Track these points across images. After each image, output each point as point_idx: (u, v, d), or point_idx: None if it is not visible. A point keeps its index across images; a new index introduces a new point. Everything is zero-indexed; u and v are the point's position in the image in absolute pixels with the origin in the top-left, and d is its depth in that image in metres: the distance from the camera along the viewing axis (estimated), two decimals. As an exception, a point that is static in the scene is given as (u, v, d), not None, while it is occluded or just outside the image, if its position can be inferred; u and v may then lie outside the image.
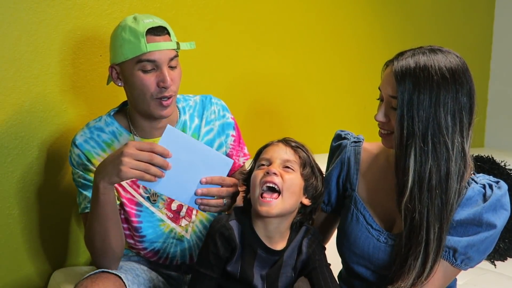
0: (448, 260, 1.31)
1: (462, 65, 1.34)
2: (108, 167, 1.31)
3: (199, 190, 1.39)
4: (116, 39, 1.49)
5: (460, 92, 1.28)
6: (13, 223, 1.74)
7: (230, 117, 1.70)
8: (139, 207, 1.57)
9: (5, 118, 1.69)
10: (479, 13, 3.25)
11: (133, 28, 1.45)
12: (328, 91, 2.55)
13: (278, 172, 1.30)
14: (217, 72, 2.16)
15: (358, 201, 1.45)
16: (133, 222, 1.57)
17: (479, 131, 3.36)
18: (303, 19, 2.42)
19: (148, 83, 1.45)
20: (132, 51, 1.44)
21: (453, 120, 1.27)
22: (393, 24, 2.75)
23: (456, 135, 1.28)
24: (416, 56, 1.29)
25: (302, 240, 1.36)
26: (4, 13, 1.66)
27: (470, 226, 1.30)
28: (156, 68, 1.46)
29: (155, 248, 1.61)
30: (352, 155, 1.51)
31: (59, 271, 1.79)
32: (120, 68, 1.50)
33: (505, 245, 2.45)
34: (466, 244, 1.30)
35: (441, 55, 1.30)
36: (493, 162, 2.64)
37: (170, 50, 1.47)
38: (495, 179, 1.36)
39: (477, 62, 3.27)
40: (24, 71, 1.71)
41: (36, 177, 1.77)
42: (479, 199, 1.32)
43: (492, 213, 1.29)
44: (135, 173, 1.28)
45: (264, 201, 1.28)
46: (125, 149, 1.28)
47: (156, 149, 1.30)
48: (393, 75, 1.29)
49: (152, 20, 1.48)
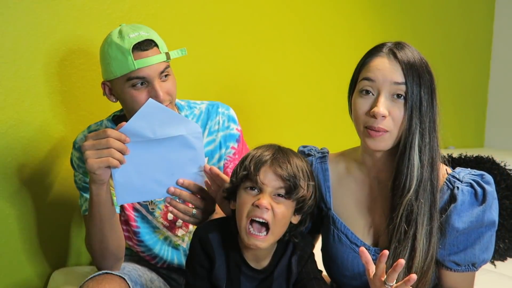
0: (469, 271, 1.30)
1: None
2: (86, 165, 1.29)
3: (171, 188, 1.34)
4: (104, 56, 1.45)
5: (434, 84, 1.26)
6: (13, 223, 1.74)
7: (236, 128, 1.63)
8: (136, 213, 1.58)
9: (5, 118, 1.69)
10: (479, 13, 3.25)
11: (118, 45, 1.40)
12: (320, 93, 2.55)
13: (269, 206, 1.17)
14: (207, 74, 2.16)
15: (336, 219, 1.36)
16: (132, 226, 1.58)
17: (479, 131, 3.36)
18: (295, 20, 2.42)
19: (140, 99, 1.40)
20: (120, 69, 1.40)
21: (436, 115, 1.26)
22: (393, 24, 2.75)
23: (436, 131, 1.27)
24: (407, 48, 1.25)
25: (291, 258, 1.27)
26: (4, 13, 1.66)
27: (473, 230, 1.27)
28: (146, 83, 1.42)
29: (152, 253, 1.62)
30: (320, 172, 1.40)
31: (59, 271, 1.79)
32: (111, 84, 1.47)
33: (505, 245, 2.45)
34: (479, 252, 1.28)
35: (415, 50, 1.27)
36: (493, 162, 2.64)
37: (159, 63, 1.42)
38: (477, 173, 1.29)
39: (477, 62, 3.27)
40: (24, 71, 1.71)
41: (36, 177, 1.77)
42: (473, 201, 1.26)
43: (490, 211, 1.26)
44: (101, 161, 1.24)
45: (251, 235, 1.18)
46: (84, 144, 1.26)
47: (112, 135, 1.25)
48: (400, 62, 1.22)
49: (137, 33, 1.42)
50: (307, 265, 1.28)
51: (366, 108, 1.23)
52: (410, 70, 1.22)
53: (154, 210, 1.59)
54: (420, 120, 1.22)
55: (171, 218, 1.60)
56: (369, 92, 1.24)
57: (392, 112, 1.21)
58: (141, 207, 1.58)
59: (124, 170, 1.29)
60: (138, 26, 1.47)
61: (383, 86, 1.22)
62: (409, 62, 1.22)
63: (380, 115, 1.20)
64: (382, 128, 1.21)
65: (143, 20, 1.92)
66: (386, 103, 1.21)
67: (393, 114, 1.21)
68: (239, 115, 1.69)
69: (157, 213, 1.59)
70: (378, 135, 1.22)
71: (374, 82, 1.23)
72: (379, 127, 1.21)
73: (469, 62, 3.20)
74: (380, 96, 1.22)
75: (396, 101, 1.22)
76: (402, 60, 1.22)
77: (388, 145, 1.24)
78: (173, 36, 1.95)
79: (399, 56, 1.23)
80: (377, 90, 1.23)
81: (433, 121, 1.24)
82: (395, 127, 1.22)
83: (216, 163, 1.61)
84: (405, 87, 1.21)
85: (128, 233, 1.60)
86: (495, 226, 1.28)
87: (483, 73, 3.32)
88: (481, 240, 1.27)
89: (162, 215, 1.59)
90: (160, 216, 1.59)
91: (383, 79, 1.22)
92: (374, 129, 1.22)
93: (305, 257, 1.28)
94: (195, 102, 1.65)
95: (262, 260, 1.26)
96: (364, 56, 1.30)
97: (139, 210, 1.58)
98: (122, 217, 1.58)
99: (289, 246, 1.28)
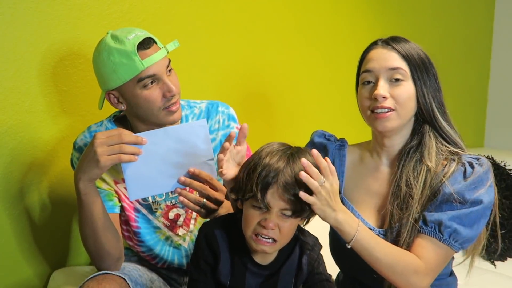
0: (435, 236, 1.27)
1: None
2: (84, 164, 1.31)
3: (182, 178, 1.36)
4: (105, 65, 1.43)
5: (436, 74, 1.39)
6: (13, 223, 1.74)
7: (236, 126, 1.64)
8: (137, 213, 1.58)
9: (5, 118, 1.69)
10: (479, 13, 3.25)
11: (120, 50, 1.40)
12: (321, 92, 2.55)
13: (275, 226, 1.17)
14: (207, 74, 2.16)
15: (345, 202, 1.43)
16: (133, 227, 1.58)
17: (479, 131, 3.36)
18: (299, 16, 2.42)
19: (153, 98, 1.43)
20: (129, 72, 1.40)
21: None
22: (392, 24, 2.75)
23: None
24: (403, 41, 1.39)
25: (301, 257, 1.27)
26: (4, 13, 1.66)
27: (455, 204, 1.28)
28: (156, 81, 1.43)
29: (153, 253, 1.62)
30: (337, 157, 1.50)
31: (59, 271, 1.79)
32: (118, 92, 1.46)
33: (505, 245, 2.45)
34: (450, 217, 1.27)
35: (414, 44, 1.41)
36: (493, 162, 2.64)
37: (164, 58, 1.45)
38: (475, 156, 1.35)
39: (477, 62, 3.27)
40: (24, 71, 1.71)
41: (36, 177, 1.77)
42: (461, 177, 1.30)
43: (474, 191, 1.28)
44: (112, 158, 1.28)
45: (258, 241, 1.18)
46: (95, 141, 1.29)
47: (124, 133, 1.30)
48: (394, 49, 1.35)
49: (134, 34, 1.42)
50: (319, 267, 1.29)
51: (368, 94, 1.35)
52: (406, 55, 1.35)
53: (156, 210, 1.58)
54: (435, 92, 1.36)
55: (172, 217, 1.60)
56: (370, 82, 1.36)
57: (392, 93, 1.33)
58: (142, 207, 1.57)
59: (134, 166, 1.32)
60: (128, 29, 1.47)
61: (380, 73, 1.34)
62: (404, 48, 1.36)
63: (380, 96, 1.31)
64: (387, 106, 1.32)
65: (143, 20, 1.92)
66: (386, 86, 1.33)
67: (393, 94, 1.33)
68: (239, 114, 1.70)
69: (158, 213, 1.59)
70: (385, 115, 1.32)
71: (372, 72, 1.35)
72: (383, 105, 1.32)
73: (469, 62, 3.20)
74: (379, 81, 1.34)
75: (396, 84, 1.33)
76: (396, 47, 1.36)
77: (395, 124, 1.34)
78: (173, 36, 1.94)
79: (392, 44, 1.36)
80: (376, 77, 1.35)
81: (442, 104, 1.37)
82: (400, 106, 1.33)
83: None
84: (407, 67, 1.34)
85: (129, 233, 1.60)
86: (480, 206, 1.28)
87: (483, 73, 3.32)
88: (458, 212, 1.27)
89: (163, 214, 1.59)
90: (161, 216, 1.59)
91: (379, 66, 1.35)
92: (379, 108, 1.32)
93: (315, 257, 1.29)
94: (195, 101, 1.66)
95: (268, 256, 1.25)
96: (362, 53, 1.42)
97: (139, 210, 1.57)
98: (123, 217, 1.57)
99: (297, 244, 1.28)
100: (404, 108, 1.33)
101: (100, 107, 1.53)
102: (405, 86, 1.34)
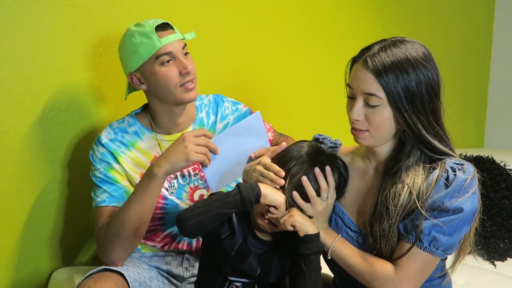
0: (415, 244, 1.28)
1: (428, 50, 1.40)
2: (171, 156, 1.43)
3: (252, 155, 1.50)
4: (127, 48, 1.57)
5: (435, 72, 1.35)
6: (13, 223, 1.74)
7: (242, 106, 1.80)
8: (165, 201, 1.62)
9: (5, 118, 1.69)
10: (479, 13, 3.25)
11: (141, 31, 1.55)
12: (322, 92, 2.55)
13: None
14: (209, 73, 2.16)
15: (336, 205, 1.44)
16: (157, 214, 1.61)
17: (479, 131, 3.36)
18: (298, 18, 2.42)
19: (171, 74, 1.55)
20: (148, 50, 1.53)
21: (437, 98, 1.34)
22: (392, 24, 2.75)
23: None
24: (389, 50, 1.30)
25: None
26: (4, 13, 1.66)
27: (436, 212, 1.28)
28: (173, 59, 1.55)
29: (177, 233, 1.65)
30: None
31: (60, 270, 1.79)
32: (139, 73, 1.58)
33: (505, 245, 2.45)
34: (429, 225, 1.27)
35: (409, 45, 1.34)
36: (493, 162, 2.64)
37: (179, 40, 1.57)
38: (460, 162, 1.34)
39: (477, 62, 3.27)
40: (24, 71, 1.71)
41: (36, 177, 1.77)
42: (442, 184, 1.30)
43: (454, 199, 1.27)
44: (200, 157, 1.44)
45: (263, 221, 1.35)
46: (186, 137, 1.44)
47: (209, 135, 1.49)
48: (371, 72, 1.28)
49: (154, 20, 1.58)
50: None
51: (350, 109, 1.35)
52: (383, 75, 1.28)
53: (174, 193, 1.64)
54: (419, 114, 1.30)
55: (197, 199, 1.67)
56: (352, 97, 1.34)
57: (367, 115, 1.31)
58: (168, 193, 1.63)
59: (211, 164, 1.48)
60: (151, 18, 1.60)
61: (357, 94, 1.32)
62: (383, 67, 1.28)
63: (352, 120, 1.33)
64: (358, 128, 1.33)
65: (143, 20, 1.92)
66: (360, 109, 1.31)
67: (367, 117, 1.32)
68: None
69: (184, 196, 1.65)
70: (359, 134, 1.35)
71: (352, 89, 1.34)
72: (355, 127, 1.34)
73: (469, 62, 3.20)
74: (356, 102, 1.32)
75: (371, 108, 1.30)
76: (374, 68, 1.29)
77: (369, 143, 1.35)
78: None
79: (370, 65, 1.29)
80: (355, 95, 1.33)
81: (434, 113, 1.32)
82: (373, 128, 1.32)
83: None
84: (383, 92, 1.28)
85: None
86: (460, 214, 1.27)
87: (483, 73, 3.32)
88: (438, 220, 1.27)
89: (188, 197, 1.66)
90: (187, 199, 1.66)
91: (357, 86, 1.32)
92: (353, 130, 1.35)
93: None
94: (201, 95, 1.76)
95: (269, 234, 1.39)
96: (350, 61, 1.38)
97: (167, 197, 1.63)
98: None
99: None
100: (377, 130, 1.32)
101: (126, 97, 1.67)
102: (381, 110, 1.30)
